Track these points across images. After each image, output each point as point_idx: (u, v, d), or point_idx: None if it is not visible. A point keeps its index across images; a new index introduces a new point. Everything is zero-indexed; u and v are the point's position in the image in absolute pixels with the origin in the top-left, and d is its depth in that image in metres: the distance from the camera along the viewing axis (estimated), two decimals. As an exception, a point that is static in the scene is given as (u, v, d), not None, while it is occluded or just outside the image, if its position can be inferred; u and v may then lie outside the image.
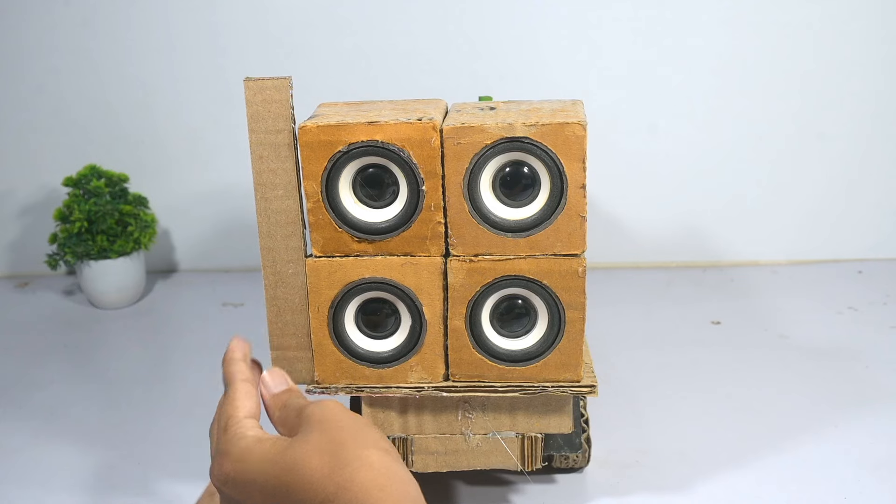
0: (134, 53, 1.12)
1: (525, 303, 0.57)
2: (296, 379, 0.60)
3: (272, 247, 0.58)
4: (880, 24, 1.07)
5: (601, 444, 0.73)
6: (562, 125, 0.54)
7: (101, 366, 0.93)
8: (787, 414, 0.78)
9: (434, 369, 0.59)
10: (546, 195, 0.55)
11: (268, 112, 0.55)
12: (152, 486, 0.69)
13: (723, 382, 0.84)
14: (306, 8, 1.09)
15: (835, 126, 1.11)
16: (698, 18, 1.07)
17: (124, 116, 1.14)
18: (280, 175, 0.56)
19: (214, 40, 1.11)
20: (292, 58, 1.11)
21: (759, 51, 1.08)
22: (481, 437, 0.61)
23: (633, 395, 0.82)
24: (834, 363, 0.87)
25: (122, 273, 1.06)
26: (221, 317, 1.05)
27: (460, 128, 0.54)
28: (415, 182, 0.55)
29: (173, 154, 1.16)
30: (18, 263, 1.21)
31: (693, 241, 1.16)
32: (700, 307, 1.02)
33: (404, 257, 0.57)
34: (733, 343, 0.93)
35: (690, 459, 0.71)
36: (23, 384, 0.88)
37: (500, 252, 0.56)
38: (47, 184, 1.16)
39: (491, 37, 1.09)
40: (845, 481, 0.68)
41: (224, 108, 1.13)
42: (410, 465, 0.62)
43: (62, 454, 0.75)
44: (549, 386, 0.58)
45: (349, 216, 0.56)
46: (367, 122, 0.54)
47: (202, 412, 0.82)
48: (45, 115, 1.15)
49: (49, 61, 1.13)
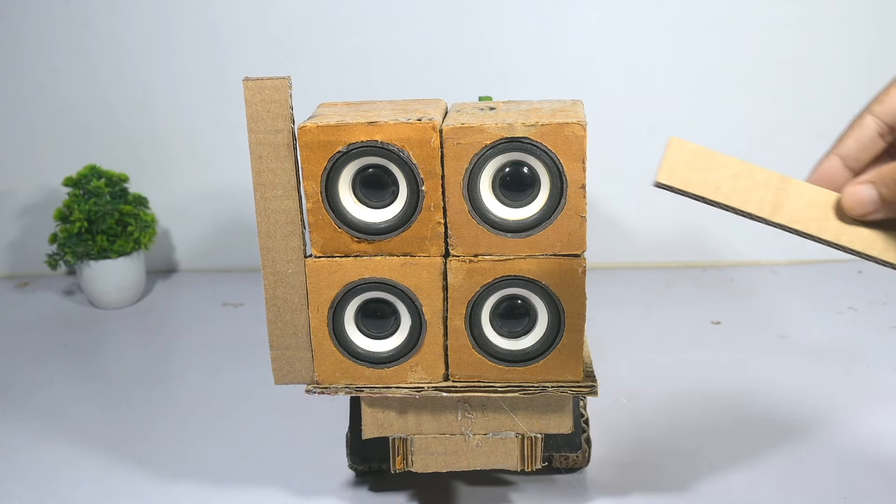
0: (133, 53, 1.12)
1: (525, 303, 0.57)
2: (295, 379, 0.60)
3: (272, 247, 0.58)
4: (881, 25, 1.07)
5: (601, 444, 0.73)
6: (562, 125, 0.54)
7: (101, 366, 0.93)
8: (786, 414, 0.78)
9: (434, 369, 0.59)
10: (546, 195, 0.55)
11: (267, 112, 0.55)
12: (152, 486, 0.69)
13: (723, 382, 0.84)
14: (306, 8, 1.09)
15: (835, 126, 1.10)
16: (699, 18, 1.07)
17: (124, 116, 1.14)
18: (279, 175, 0.56)
19: (214, 40, 1.11)
20: (292, 58, 1.11)
21: (759, 50, 1.08)
22: (481, 437, 0.61)
23: (633, 395, 0.82)
24: (834, 363, 0.87)
25: (122, 273, 1.06)
26: (221, 317, 1.05)
27: (460, 128, 0.54)
28: (414, 182, 0.55)
29: (173, 154, 1.16)
30: (18, 263, 1.21)
31: (693, 241, 1.16)
32: (700, 307, 1.02)
33: (404, 257, 0.57)
34: (733, 343, 0.93)
35: (690, 459, 0.71)
36: (23, 384, 0.88)
37: (499, 252, 0.56)
38: (47, 184, 1.17)
39: (491, 37, 1.09)
40: (845, 481, 0.68)
41: (224, 108, 1.13)
42: (410, 465, 0.62)
43: (62, 454, 0.75)
44: (549, 386, 0.58)
45: (349, 216, 0.56)
46: (366, 123, 0.54)
47: (202, 412, 0.82)
48: (45, 115, 1.15)
49: (49, 61, 1.13)
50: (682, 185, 0.45)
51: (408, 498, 0.67)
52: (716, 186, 0.45)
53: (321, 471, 0.70)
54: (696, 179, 0.45)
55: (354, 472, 0.70)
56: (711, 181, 0.45)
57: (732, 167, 0.46)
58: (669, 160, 0.45)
